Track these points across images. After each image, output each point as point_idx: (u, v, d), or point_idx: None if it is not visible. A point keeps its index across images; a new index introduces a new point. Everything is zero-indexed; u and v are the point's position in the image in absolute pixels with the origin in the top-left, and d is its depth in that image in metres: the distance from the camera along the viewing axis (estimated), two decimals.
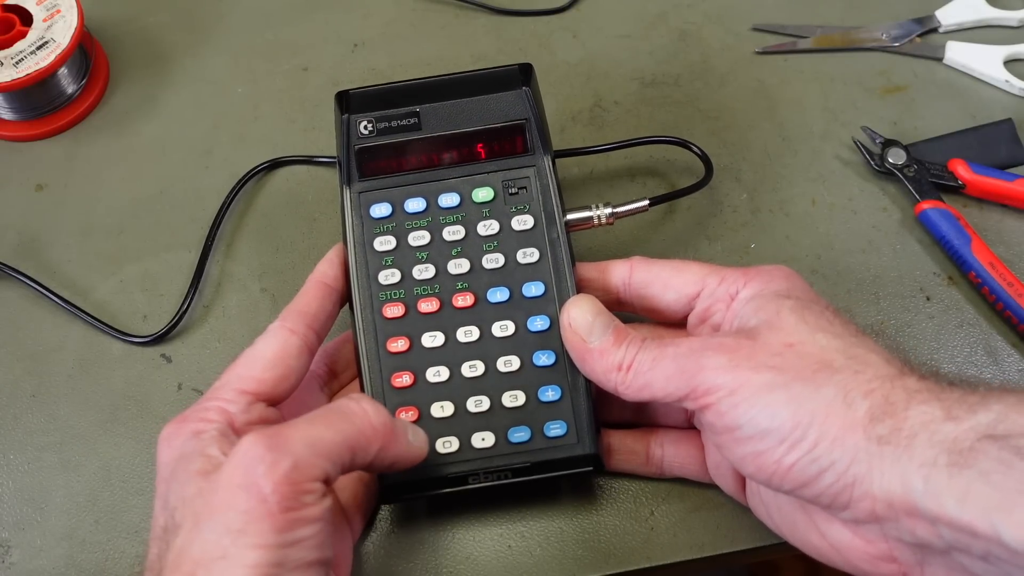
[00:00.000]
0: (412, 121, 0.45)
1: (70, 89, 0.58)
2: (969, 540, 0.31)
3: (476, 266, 0.44)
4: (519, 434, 0.41)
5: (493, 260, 0.44)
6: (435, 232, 0.44)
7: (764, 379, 0.35)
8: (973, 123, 0.55)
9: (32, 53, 0.55)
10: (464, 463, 0.41)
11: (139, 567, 0.44)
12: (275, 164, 0.55)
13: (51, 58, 0.54)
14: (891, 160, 0.53)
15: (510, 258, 0.44)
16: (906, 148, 0.53)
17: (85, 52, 0.59)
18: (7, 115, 0.58)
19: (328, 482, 0.35)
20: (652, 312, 0.43)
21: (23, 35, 0.56)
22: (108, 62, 0.60)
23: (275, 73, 0.59)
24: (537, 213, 0.44)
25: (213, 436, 0.36)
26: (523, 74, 0.45)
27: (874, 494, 0.33)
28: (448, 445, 0.41)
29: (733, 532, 0.44)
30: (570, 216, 0.45)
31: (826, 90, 0.57)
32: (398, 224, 0.44)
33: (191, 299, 0.51)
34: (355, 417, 0.36)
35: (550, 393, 0.42)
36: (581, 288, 0.43)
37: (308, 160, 0.55)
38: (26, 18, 0.56)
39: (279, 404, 0.40)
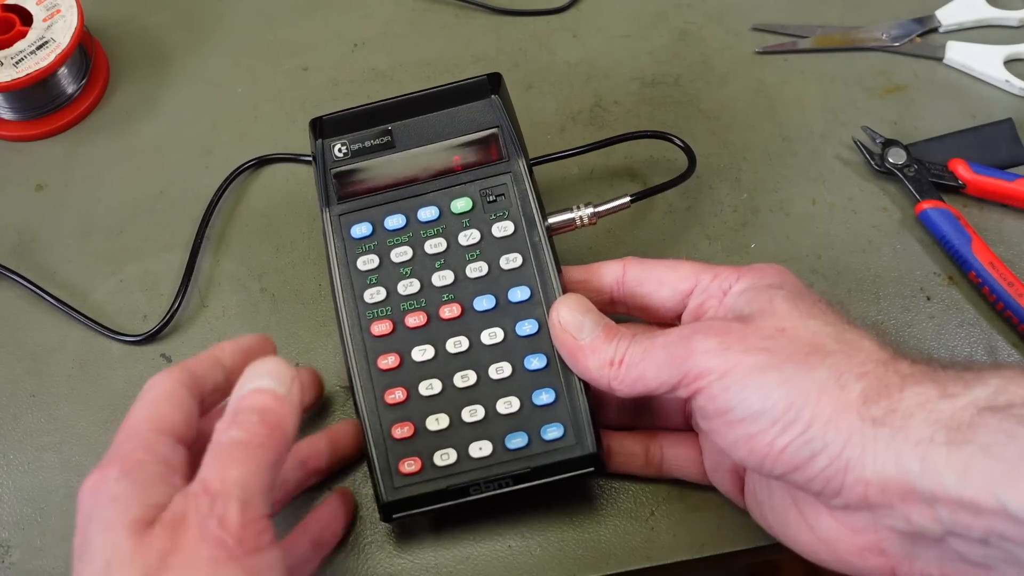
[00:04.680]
0: (385, 140, 0.45)
1: (70, 89, 0.58)
2: (970, 519, 0.31)
3: (460, 276, 0.43)
4: (516, 440, 0.41)
5: (477, 269, 0.43)
6: (417, 247, 0.44)
7: (756, 360, 0.35)
8: (973, 123, 0.55)
9: (32, 53, 0.55)
10: (463, 474, 0.41)
11: None
12: (262, 162, 0.55)
13: (51, 58, 0.54)
14: (891, 160, 0.53)
15: (493, 265, 0.43)
16: (906, 148, 0.53)
17: (85, 52, 0.59)
18: (7, 115, 0.58)
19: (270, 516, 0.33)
20: (645, 311, 0.43)
21: (23, 35, 0.56)
22: (108, 62, 0.60)
23: (275, 73, 0.59)
24: (517, 218, 0.44)
25: (146, 479, 0.33)
26: (492, 83, 0.45)
27: (867, 478, 0.33)
28: (446, 457, 0.41)
29: (733, 532, 0.44)
30: (551, 220, 0.45)
31: (826, 90, 0.57)
32: (380, 242, 0.44)
33: (182, 297, 0.51)
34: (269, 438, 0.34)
35: (544, 396, 0.42)
36: (573, 290, 0.43)
37: (294, 158, 0.55)
38: (26, 18, 0.56)
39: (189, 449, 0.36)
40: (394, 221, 0.44)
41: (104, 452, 0.47)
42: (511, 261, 0.43)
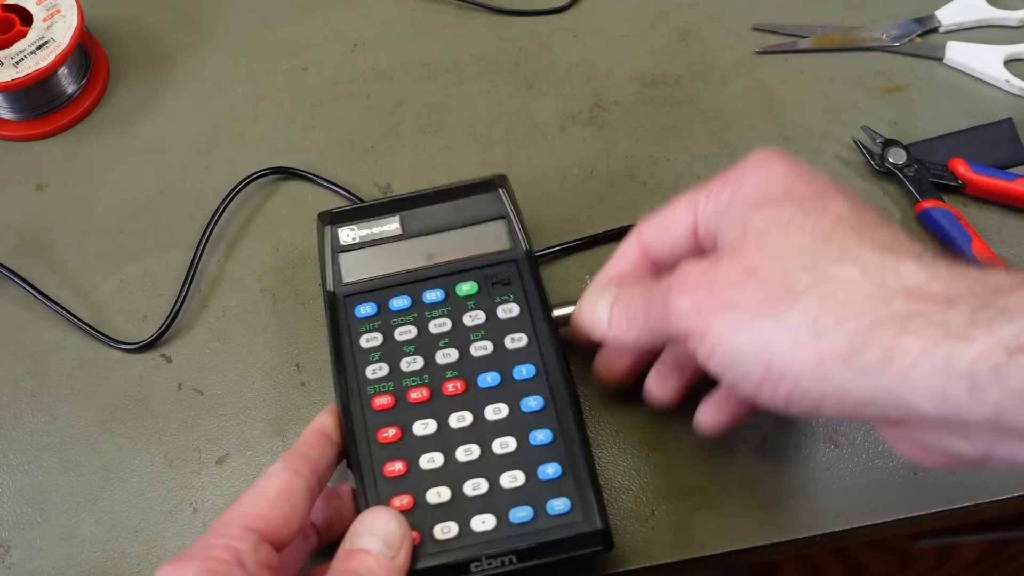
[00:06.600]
0: (393, 227, 0.46)
1: (70, 89, 0.58)
2: (1014, 446, 0.29)
3: (465, 354, 0.43)
4: (521, 513, 0.39)
5: (481, 348, 0.43)
6: (421, 326, 0.44)
7: (728, 321, 0.33)
8: (973, 123, 0.55)
9: (32, 53, 0.55)
10: (465, 548, 0.39)
11: (139, 567, 0.44)
12: (275, 172, 0.55)
13: (51, 58, 0.54)
14: (891, 160, 0.53)
15: (499, 344, 0.43)
16: (906, 148, 0.53)
17: (85, 52, 0.59)
18: (7, 115, 0.58)
19: None
20: (674, 262, 0.39)
21: (23, 35, 0.55)
22: (108, 62, 0.60)
23: (275, 73, 0.59)
24: (522, 302, 0.44)
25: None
26: (499, 180, 0.47)
27: (884, 415, 0.31)
28: (447, 531, 0.39)
29: (733, 532, 0.44)
30: (557, 312, 0.45)
31: (826, 90, 0.57)
32: (384, 322, 0.44)
33: (183, 300, 0.51)
34: None
35: (550, 470, 0.40)
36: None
37: (307, 176, 0.54)
38: (26, 18, 0.56)
39: (281, 551, 0.37)
40: (399, 302, 0.45)
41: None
42: (516, 340, 0.43)
